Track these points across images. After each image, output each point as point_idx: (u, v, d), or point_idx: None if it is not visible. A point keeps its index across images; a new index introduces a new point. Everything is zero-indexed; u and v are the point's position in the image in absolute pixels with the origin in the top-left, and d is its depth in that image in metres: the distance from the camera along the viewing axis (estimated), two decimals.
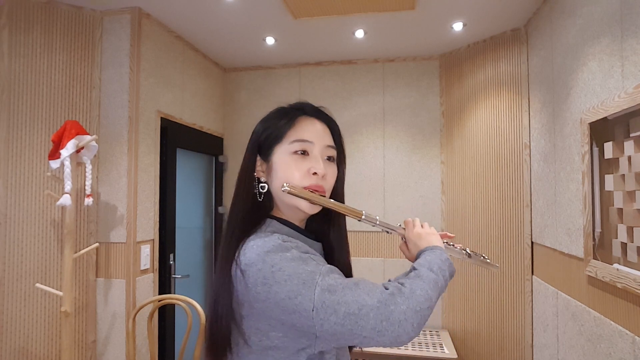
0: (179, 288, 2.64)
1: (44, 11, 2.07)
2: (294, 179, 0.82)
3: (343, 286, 0.70)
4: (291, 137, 0.84)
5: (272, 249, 0.74)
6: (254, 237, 0.79)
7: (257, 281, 0.72)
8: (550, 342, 2.08)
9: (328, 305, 0.68)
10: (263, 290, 0.72)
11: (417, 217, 0.97)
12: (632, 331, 1.35)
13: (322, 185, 0.84)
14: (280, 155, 0.84)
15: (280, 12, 2.30)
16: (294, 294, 0.70)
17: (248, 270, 0.74)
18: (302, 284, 0.70)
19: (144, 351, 2.24)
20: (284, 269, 0.71)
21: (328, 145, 0.87)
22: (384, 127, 3.05)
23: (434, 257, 0.82)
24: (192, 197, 2.95)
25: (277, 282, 0.71)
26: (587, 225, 1.62)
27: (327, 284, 0.70)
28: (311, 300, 0.69)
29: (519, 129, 2.45)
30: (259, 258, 0.73)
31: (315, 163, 0.84)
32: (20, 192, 1.97)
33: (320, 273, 0.72)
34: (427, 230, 0.92)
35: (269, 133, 0.86)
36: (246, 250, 0.76)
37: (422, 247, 0.88)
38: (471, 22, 2.42)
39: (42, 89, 2.05)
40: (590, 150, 1.60)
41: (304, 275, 0.71)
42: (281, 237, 0.78)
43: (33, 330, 1.99)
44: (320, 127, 0.88)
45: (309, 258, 0.75)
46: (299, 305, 0.69)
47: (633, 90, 1.30)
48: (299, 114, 0.87)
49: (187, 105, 2.71)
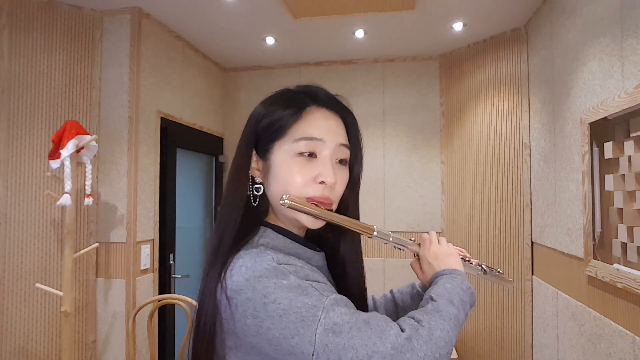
0: (179, 288, 2.64)
1: (44, 11, 2.07)
2: (295, 185, 0.68)
3: (351, 325, 0.58)
4: (297, 134, 0.69)
5: (265, 273, 0.61)
6: (243, 252, 0.66)
7: (247, 312, 0.60)
8: (550, 342, 2.08)
9: (331, 349, 0.57)
10: (253, 323, 0.60)
11: (434, 232, 0.85)
12: (632, 331, 1.35)
13: (329, 196, 0.70)
14: (282, 155, 0.69)
15: (280, 12, 2.30)
16: (290, 333, 0.58)
17: (235, 298, 0.61)
18: (300, 321, 0.58)
19: (144, 351, 2.24)
20: (279, 301, 0.59)
21: (341, 144, 0.72)
22: (384, 127, 3.05)
23: (455, 286, 0.70)
24: (192, 197, 2.95)
25: (270, 316, 0.59)
26: (587, 225, 1.62)
27: (331, 323, 0.58)
28: (311, 343, 0.57)
29: (519, 129, 2.45)
30: (249, 285, 0.61)
31: (324, 169, 0.68)
32: (20, 192, 1.97)
33: (323, 308, 0.59)
34: (445, 249, 0.79)
35: (270, 123, 0.71)
36: (234, 272, 0.63)
37: (438, 270, 0.75)
38: (471, 22, 2.42)
39: (42, 89, 2.05)
40: (590, 150, 1.60)
41: (303, 311, 0.58)
42: (276, 257, 0.64)
43: (33, 330, 1.99)
44: (333, 121, 0.73)
45: (310, 287, 0.62)
46: (296, 347, 0.57)
47: (633, 90, 1.30)
48: (308, 103, 0.72)
49: (187, 105, 2.71)
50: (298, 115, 0.70)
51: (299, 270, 0.64)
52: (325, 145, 0.69)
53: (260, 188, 0.72)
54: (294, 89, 0.76)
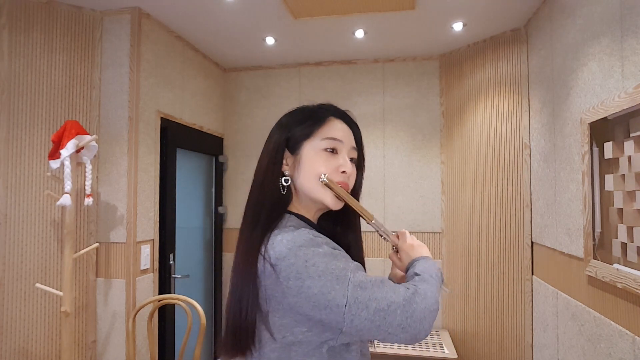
0: (179, 288, 2.64)
1: (44, 11, 2.07)
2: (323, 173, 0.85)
3: (372, 283, 0.74)
4: (323, 134, 0.87)
5: (304, 243, 0.75)
6: (278, 231, 0.79)
7: (290, 275, 0.73)
8: (550, 342, 2.08)
9: (360, 301, 0.71)
10: (295, 284, 0.73)
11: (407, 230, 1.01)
12: (632, 331, 1.35)
13: (348, 183, 0.88)
14: (310, 151, 0.86)
15: (280, 12, 2.30)
16: (327, 289, 0.71)
17: (279, 264, 0.74)
18: (335, 279, 0.72)
19: (144, 351, 2.24)
20: (317, 264, 0.73)
21: (353, 147, 0.91)
22: (384, 127, 3.05)
23: (430, 266, 0.85)
24: (192, 197, 2.95)
25: (310, 276, 0.72)
26: (587, 225, 1.62)
27: (358, 280, 0.73)
28: (344, 296, 0.71)
29: (519, 129, 2.45)
30: (291, 252, 0.74)
31: (344, 162, 0.87)
32: (20, 192, 1.97)
33: (351, 269, 0.74)
34: (418, 242, 0.96)
35: (299, 128, 0.88)
36: (275, 244, 0.77)
37: (414, 257, 0.91)
38: (471, 22, 2.42)
39: (42, 89, 2.05)
40: (590, 150, 1.60)
41: (337, 272, 0.73)
42: (311, 231, 0.79)
43: (33, 330, 1.99)
44: (347, 129, 0.91)
45: (339, 254, 0.77)
46: (332, 301, 0.71)
47: (633, 90, 1.30)
48: (328, 114, 0.90)
49: (187, 105, 2.71)
50: (322, 122, 0.89)
51: (329, 242, 0.80)
52: (343, 145, 0.88)
53: (288, 180, 0.87)
54: (312, 106, 0.94)
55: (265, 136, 0.93)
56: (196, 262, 2.95)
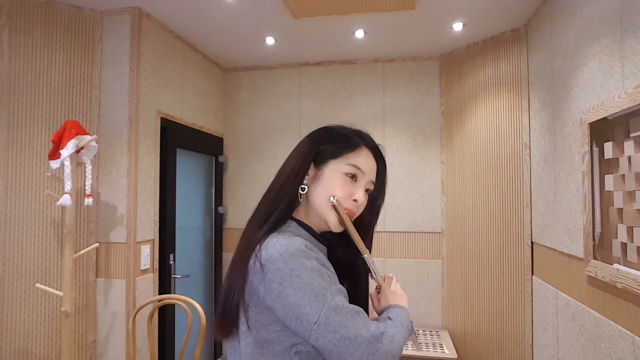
0: (179, 288, 2.64)
1: (44, 11, 2.07)
2: (338, 195, 0.88)
3: (347, 311, 0.76)
4: (350, 160, 0.91)
5: (295, 252, 0.77)
6: (276, 234, 0.82)
7: (274, 279, 0.76)
8: (550, 342, 2.08)
9: (330, 323, 0.74)
10: (277, 289, 0.75)
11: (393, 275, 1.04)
12: (632, 331, 1.35)
13: (355, 212, 0.91)
14: (332, 170, 0.90)
15: (280, 12, 2.30)
16: (303, 302, 0.74)
17: (268, 265, 0.77)
18: (314, 295, 0.74)
19: (144, 351, 2.24)
20: (302, 276, 0.75)
21: (372, 181, 0.95)
22: (384, 127, 3.06)
23: (404, 316, 0.89)
24: (192, 197, 2.95)
25: (292, 286, 0.75)
26: (587, 225, 1.62)
27: (335, 304, 0.75)
28: (317, 314, 0.73)
29: (519, 129, 2.45)
30: (281, 258, 0.76)
31: (359, 192, 0.90)
32: (20, 192, 1.97)
33: (331, 291, 0.76)
34: (400, 292, 0.98)
35: (331, 146, 0.92)
36: (269, 245, 0.79)
37: (392, 303, 0.94)
38: (471, 22, 2.42)
39: (42, 89, 2.05)
40: (590, 150, 1.60)
41: (317, 289, 0.75)
42: (304, 242, 0.80)
43: (33, 330, 1.99)
44: (373, 162, 0.95)
45: (325, 273, 0.79)
46: (304, 315, 0.74)
47: (633, 90, 1.30)
48: (362, 143, 0.94)
49: (187, 105, 2.71)
50: (355, 147, 0.93)
51: (320, 258, 0.81)
52: (364, 176, 0.92)
53: (305, 188, 0.90)
54: (351, 128, 0.98)
55: (265, 136, 0.93)
56: (196, 262, 2.95)
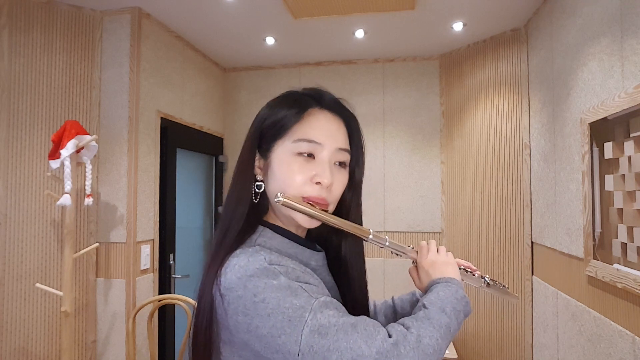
0: (179, 288, 2.64)
1: (44, 11, 2.07)
2: (293, 184, 0.69)
3: (337, 328, 0.58)
4: (297, 134, 0.70)
5: (256, 272, 0.62)
6: (240, 251, 0.67)
7: (238, 310, 0.62)
8: (550, 342, 2.08)
9: (316, 351, 0.57)
10: (244, 321, 0.61)
11: (434, 240, 0.83)
12: (632, 331, 1.35)
13: (326, 197, 0.71)
14: (281, 154, 0.71)
15: (280, 12, 2.30)
16: (277, 332, 0.59)
17: (228, 295, 0.63)
18: (287, 321, 0.59)
19: (144, 351, 2.24)
20: (268, 300, 0.60)
21: (340, 149, 0.73)
22: (384, 127, 3.05)
23: (449, 295, 0.68)
24: (192, 197, 2.95)
25: (258, 315, 0.60)
26: (587, 225, 1.62)
27: (317, 324, 0.58)
28: (297, 343, 0.58)
29: (519, 129, 2.45)
30: (240, 283, 0.62)
31: (321, 170, 0.70)
32: (20, 192, 1.97)
33: (311, 309, 0.60)
34: (442, 258, 0.77)
35: (273, 122, 0.73)
36: (228, 269, 0.65)
37: (434, 278, 0.74)
38: (471, 22, 2.42)
39: (42, 89, 2.05)
40: (590, 150, 1.60)
41: (291, 311, 0.59)
42: (268, 257, 0.65)
43: (33, 330, 1.99)
44: (335, 124, 0.74)
45: (300, 288, 0.62)
46: (282, 346, 0.58)
47: (633, 90, 1.30)
48: (311, 105, 0.73)
49: (187, 105, 2.71)
50: (299, 116, 0.72)
51: (290, 272, 0.64)
52: (323, 148, 0.71)
53: (261, 186, 0.74)
54: (299, 90, 0.77)
55: None
56: (196, 262, 2.95)
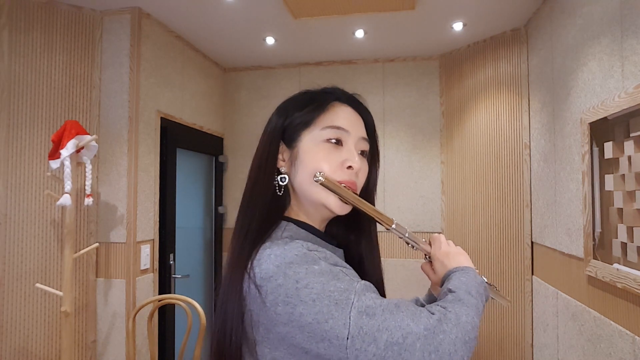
0: (179, 288, 2.64)
1: (44, 11, 2.07)
2: (325, 170, 0.69)
3: (383, 308, 0.58)
4: (324, 123, 0.72)
5: (296, 259, 0.61)
6: (269, 244, 0.66)
7: (278, 299, 0.59)
8: (550, 342, 2.08)
9: (366, 331, 0.56)
10: (284, 311, 0.59)
11: (442, 234, 0.83)
12: (632, 331, 1.35)
13: (356, 182, 0.72)
14: (309, 143, 0.72)
15: (280, 12, 2.30)
16: (324, 317, 0.57)
17: (265, 285, 0.61)
18: (334, 304, 0.57)
19: (144, 351, 2.24)
20: (312, 285, 0.59)
21: (363, 138, 0.75)
22: (384, 127, 3.05)
23: (470, 279, 0.69)
24: (192, 197, 2.95)
25: (302, 301, 0.58)
26: (587, 225, 1.62)
27: (364, 305, 0.58)
28: (346, 326, 0.56)
29: (519, 129, 2.45)
30: (280, 271, 0.60)
31: (351, 155, 0.71)
32: (20, 192, 1.97)
33: (355, 291, 0.59)
34: (455, 249, 0.79)
35: (296, 116, 0.74)
36: (262, 260, 0.63)
37: (450, 267, 0.75)
38: (471, 22, 2.42)
39: (42, 89, 2.05)
40: (590, 150, 1.60)
41: (337, 294, 0.58)
42: (305, 244, 0.65)
43: (33, 330, 1.99)
44: (355, 116, 0.76)
45: (341, 272, 0.62)
46: (330, 332, 0.57)
47: (633, 90, 1.30)
48: (331, 99, 0.75)
49: (187, 105, 2.71)
50: (324, 107, 0.73)
51: (328, 257, 0.65)
52: (349, 135, 0.73)
53: (285, 178, 0.73)
54: (315, 89, 0.79)
55: None
56: (196, 262, 2.95)
